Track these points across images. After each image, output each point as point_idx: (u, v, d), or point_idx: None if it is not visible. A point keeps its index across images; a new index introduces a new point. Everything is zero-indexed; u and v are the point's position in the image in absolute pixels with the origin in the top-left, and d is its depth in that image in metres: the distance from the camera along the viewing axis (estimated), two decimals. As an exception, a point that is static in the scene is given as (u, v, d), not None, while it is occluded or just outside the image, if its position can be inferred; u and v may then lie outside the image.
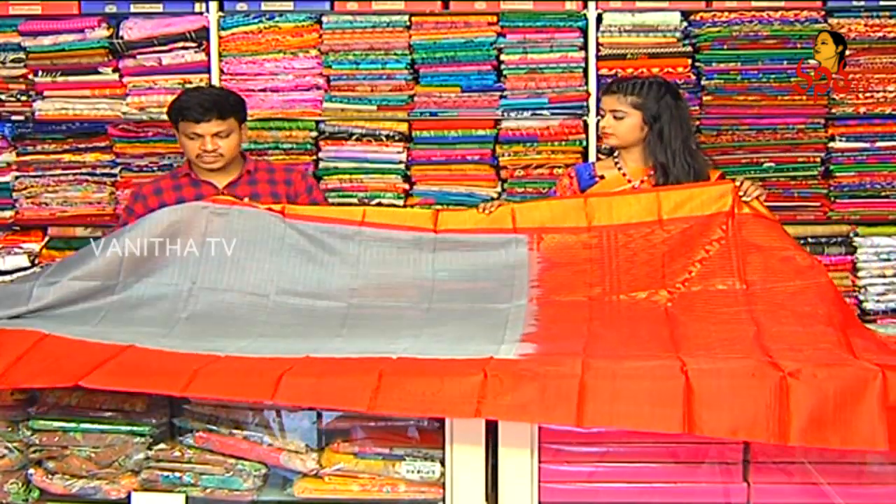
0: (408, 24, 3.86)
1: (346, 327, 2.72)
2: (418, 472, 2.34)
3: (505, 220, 2.98)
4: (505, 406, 2.17)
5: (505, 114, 3.88)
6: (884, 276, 3.83)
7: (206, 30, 3.87)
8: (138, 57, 3.87)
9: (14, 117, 3.93)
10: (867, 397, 2.11)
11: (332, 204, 3.85)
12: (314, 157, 3.92)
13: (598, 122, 3.71)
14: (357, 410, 2.21)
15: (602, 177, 3.27)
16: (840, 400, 2.11)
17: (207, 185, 3.29)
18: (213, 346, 2.47)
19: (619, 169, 3.25)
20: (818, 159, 3.85)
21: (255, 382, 2.24)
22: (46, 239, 3.95)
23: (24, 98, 3.92)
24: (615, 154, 3.31)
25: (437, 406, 2.20)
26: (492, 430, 2.28)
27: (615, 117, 3.19)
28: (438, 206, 3.85)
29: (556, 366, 2.23)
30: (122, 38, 3.86)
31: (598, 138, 3.82)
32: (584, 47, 3.84)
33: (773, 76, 3.81)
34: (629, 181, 3.20)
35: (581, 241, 2.91)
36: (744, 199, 2.90)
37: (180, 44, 3.88)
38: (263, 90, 3.90)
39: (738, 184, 2.92)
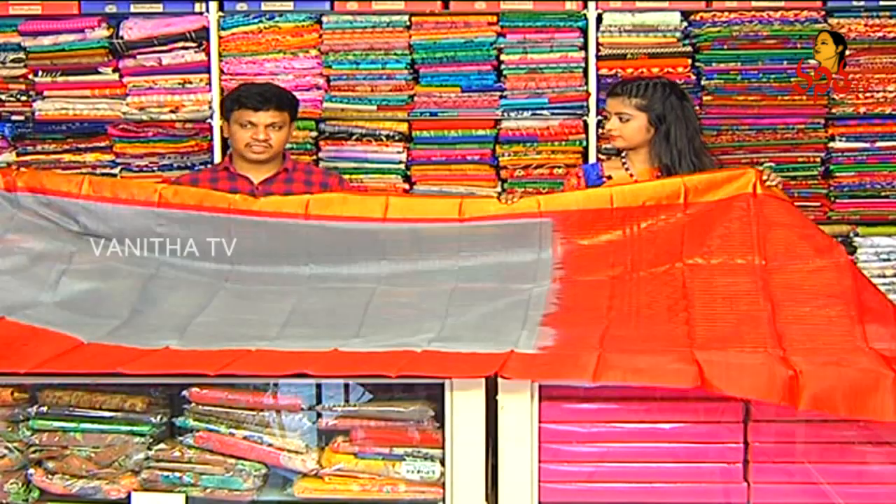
0: (408, 24, 3.86)
1: (371, 310, 2.75)
2: (418, 472, 2.34)
3: (530, 207, 2.97)
4: (522, 369, 2.27)
5: (505, 114, 3.88)
6: (884, 276, 3.82)
7: (206, 30, 3.87)
8: (138, 57, 3.88)
9: (14, 117, 3.93)
10: (879, 394, 2.14)
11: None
12: (314, 157, 3.92)
13: (599, 122, 3.69)
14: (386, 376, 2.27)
15: (609, 177, 3.27)
16: (850, 394, 2.16)
17: (243, 179, 3.34)
18: (244, 339, 2.54)
19: (627, 170, 3.26)
20: (818, 159, 3.85)
21: (287, 365, 2.33)
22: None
23: (24, 98, 3.93)
24: (622, 154, 3.32)
25: (457, 372, 2.28)
26: (492, 431, 2.28)
27: (621, 119, 3.20)
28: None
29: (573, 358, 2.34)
30: (122, 38, 3.86)
31: (599, 138, 3.82)
32: (584, 47, 3.84)
33: (773, 76, 3.82)
34: (636, 182, 3.20)
35: (604, 222, 2.91)
36: (767, 183, 2.91)
37: (180, 44, 3.88)
38: (263, 90, 3.90)
39: (761, 169, 2.95)
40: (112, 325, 2.65)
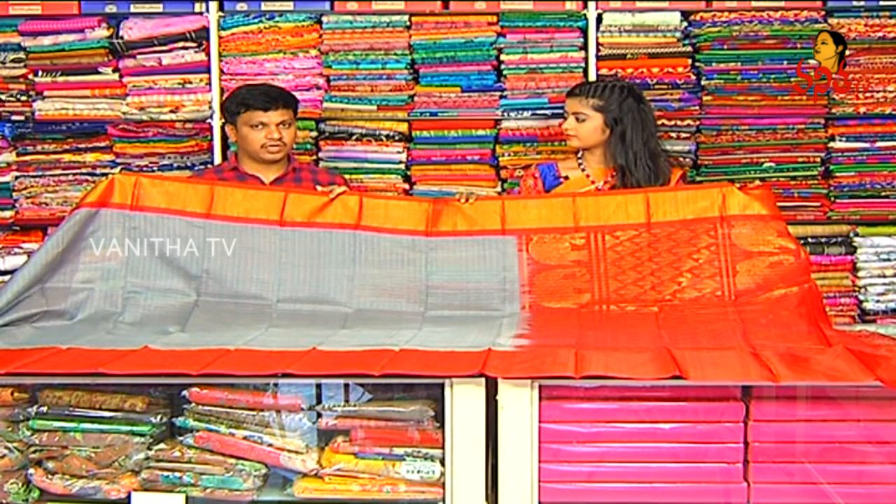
0: (408, 24, 3.86)
1: (347, 327, 2.84)
2: (418, 472, 2.34)
3: (494, 219, 3.03)
4: (503, 366, 2.30)
5: (505, 114, 3.88)
6: (884, 276, 3.83)
7: (206, 30, 3.87)
8: (138, 57, 3.87)
9: (14, 117, 3.93)
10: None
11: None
12: (314, 157, 3.92)
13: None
14: (370, 375, 2.27)
15: (566, 177, 3.35)
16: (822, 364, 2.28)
17: (254, 179, 3.39)
18: (222, 339, 2.59)
19: (583, 170, 3.32)
20: (818, 159, 3.85)
21: (268, 364, 2.35)
22: (46, 239, 3.94)
23: (24, 98, 3.92)
24: (578, 155, 3.36)
25: (443, 368, 2.30)
26: (492, 431, 2.28)
27: (577, 119, 3.27)
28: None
29: (552, 352, 2.39)
30: (122, 38, 3.86)
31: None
32: (584, 47, 3.84)
33: (773, 76, 3.81)
34: (592, 182, 3.31)
35: (569, 241, 2.99)
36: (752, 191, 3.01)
37: (180, 44, 3.88)
38: (263, 90, 3.90)
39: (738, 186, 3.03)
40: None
